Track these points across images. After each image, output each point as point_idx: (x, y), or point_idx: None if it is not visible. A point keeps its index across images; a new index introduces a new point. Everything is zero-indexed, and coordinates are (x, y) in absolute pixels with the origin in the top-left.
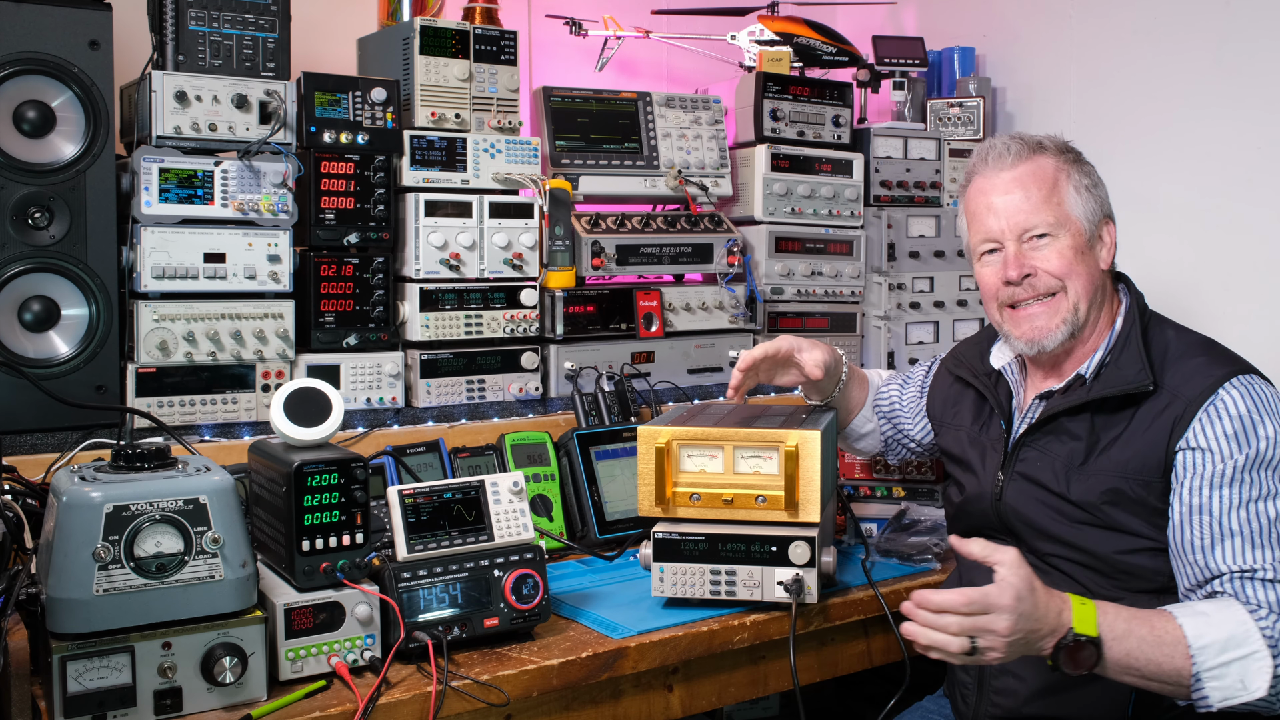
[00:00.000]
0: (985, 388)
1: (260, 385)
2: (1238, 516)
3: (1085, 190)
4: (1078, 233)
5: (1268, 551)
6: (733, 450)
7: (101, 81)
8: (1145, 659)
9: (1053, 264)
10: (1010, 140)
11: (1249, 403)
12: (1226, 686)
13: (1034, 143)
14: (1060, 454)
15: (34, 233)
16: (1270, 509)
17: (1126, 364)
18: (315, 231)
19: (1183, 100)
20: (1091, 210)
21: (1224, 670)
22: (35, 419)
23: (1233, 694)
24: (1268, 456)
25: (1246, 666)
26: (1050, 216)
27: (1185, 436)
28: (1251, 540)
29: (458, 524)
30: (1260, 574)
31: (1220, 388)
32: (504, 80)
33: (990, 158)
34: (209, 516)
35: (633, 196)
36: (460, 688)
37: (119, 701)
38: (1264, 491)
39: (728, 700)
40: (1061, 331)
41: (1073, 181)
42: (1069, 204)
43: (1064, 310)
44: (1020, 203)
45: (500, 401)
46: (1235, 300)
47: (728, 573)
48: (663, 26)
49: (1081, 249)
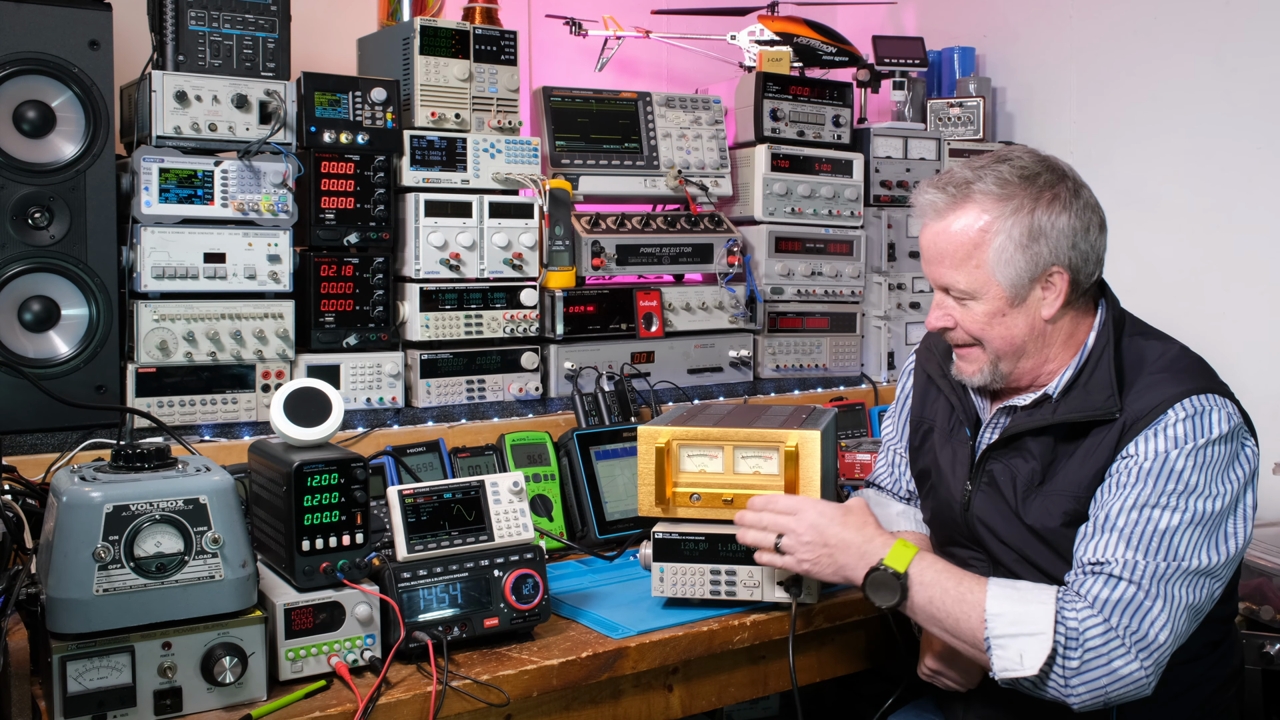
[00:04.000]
0: (951, 389)
1: (260, 385)
2: (1126, 516)
3: (1015, 248)
4: (997, 296)
5: (1132, 551)
6: (733, 450)
7: (101, 81)
8: (946, 612)
9: (967, 323)
10: (939, 191)
11: (1191, 423)
12: (1007, 659)
13: (962, 191)
14: (1021, 471)
15: (34, 233)
16: (1160, 518)
17: (1095, 388)
18: (315, 231)
19: (1183, 100)
20: (1019, 270)
21: (1009, 642)
22: (35, 419)
23: (1011, 667)
24: (1180, 471)
25: (1029, 644)
26: (963, 282)
27: (1125, 449)
28: (1127, 540)
29: (458, 524)
30: (1109, 568)
31: (1171, 407)
32: (504, 80)
33: (921, 202)
34: (209, 516)
35: (633, 196)
36: (460, 688)
37: (119, 701)
38: (1162, 502)
39: (728, 700)
40: (980, 377)
41: (997, 242)
42: (990, 267)
43: (981, 361)
44: (941, 258)
45: (500, 401)
46: (1235, 300)
47: (728, 573)
48: (663, 26)
49: (1000, 312)
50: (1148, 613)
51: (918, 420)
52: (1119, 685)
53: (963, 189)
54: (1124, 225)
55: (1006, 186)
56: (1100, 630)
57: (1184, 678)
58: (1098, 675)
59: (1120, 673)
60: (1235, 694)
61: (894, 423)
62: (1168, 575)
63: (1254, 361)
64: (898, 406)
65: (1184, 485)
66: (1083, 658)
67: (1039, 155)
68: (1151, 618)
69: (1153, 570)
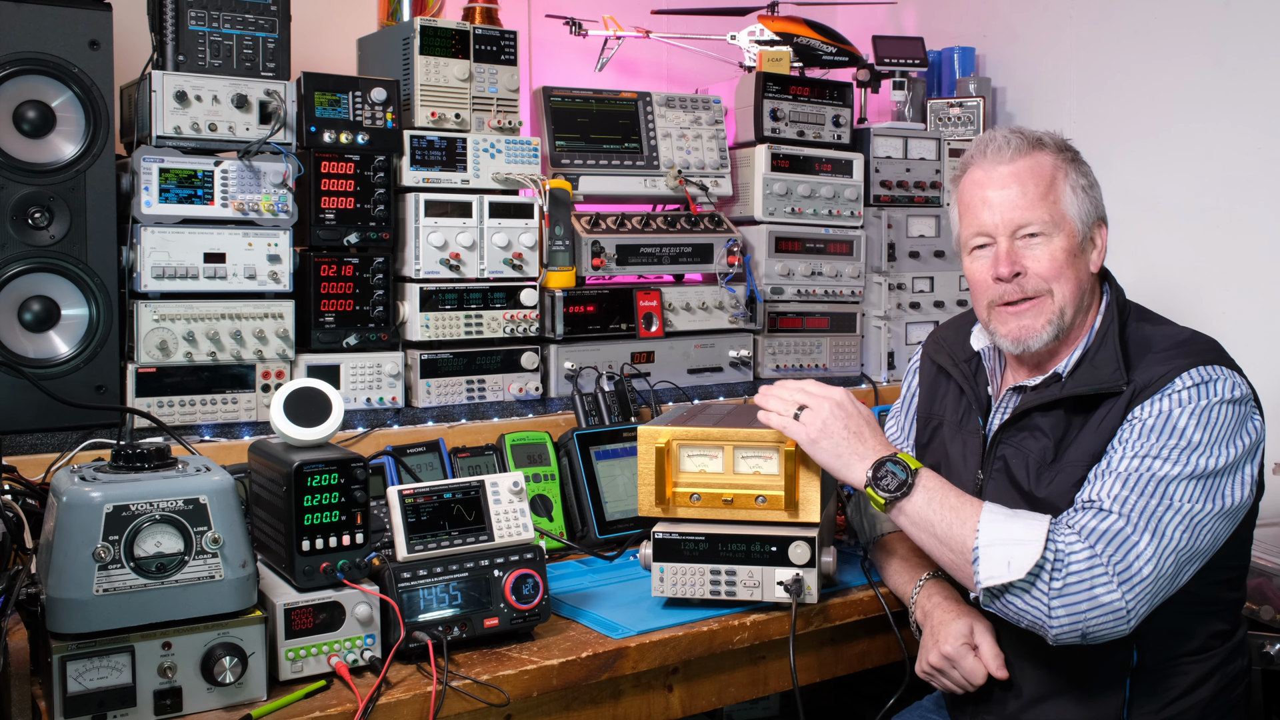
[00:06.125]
0: (964, 377)
1: (260, 385)
2: (1126, 464)
3: (1082, 191)
4: (1071, 234)
5: (1124, 490)
6: (733, 450)
7: (101, 81)
8: (940, 518)
9: (1043, 265)
10: (1010, 134)
11: (1197, 390)
12: (993, 564)
13: (1034, 138)
14: (1033, 450)
15: (34, 233)
16: (1157, 467)
17: (1102, 363)
18: (315, 231)
19: (1182, 100)
20: (1086, 212)
21: (998, 548)
22: (35, 419)
23: (996, 573)
24: (1184, 428)
25: (1017, 551)
26: (1045, 215)
27: (1131, 413)
28: (1122, 481)
29: (458, 524)
30: (1099, 503)
31: (1178, 375)
32: (504, 80)
33: (989, 150)
34: (209, 516)
35: (633, 196)
36: (460, 688)
37: (119, 701)
38: (1162, 454)
39: (728, 700)
40: (1047, 333)
41: (1070, 181)
42: (1065, 204)
43: (1050, 312)
44: (1016, 198)
45: (500, 401)
46: (1235, 300)
47: (728, 573)
48: (663, 26)
49: (1074, 251)
50: (1134, 545)
51: (925, 417)
52: (1098, 614)
53: (1032, 136)
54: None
55: (1063, 142)
56: (1085, 556)
57: (1195, 672)
58: (1079, 599)
59: (1101, 599)
60: (1243, 694)
61: (898, 422)
62: (1156, 512)
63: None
64: (903, 406)
65: (1185, 441)
66: (1066, 579)
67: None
68: (1138, 551)
69: (1142, 507)
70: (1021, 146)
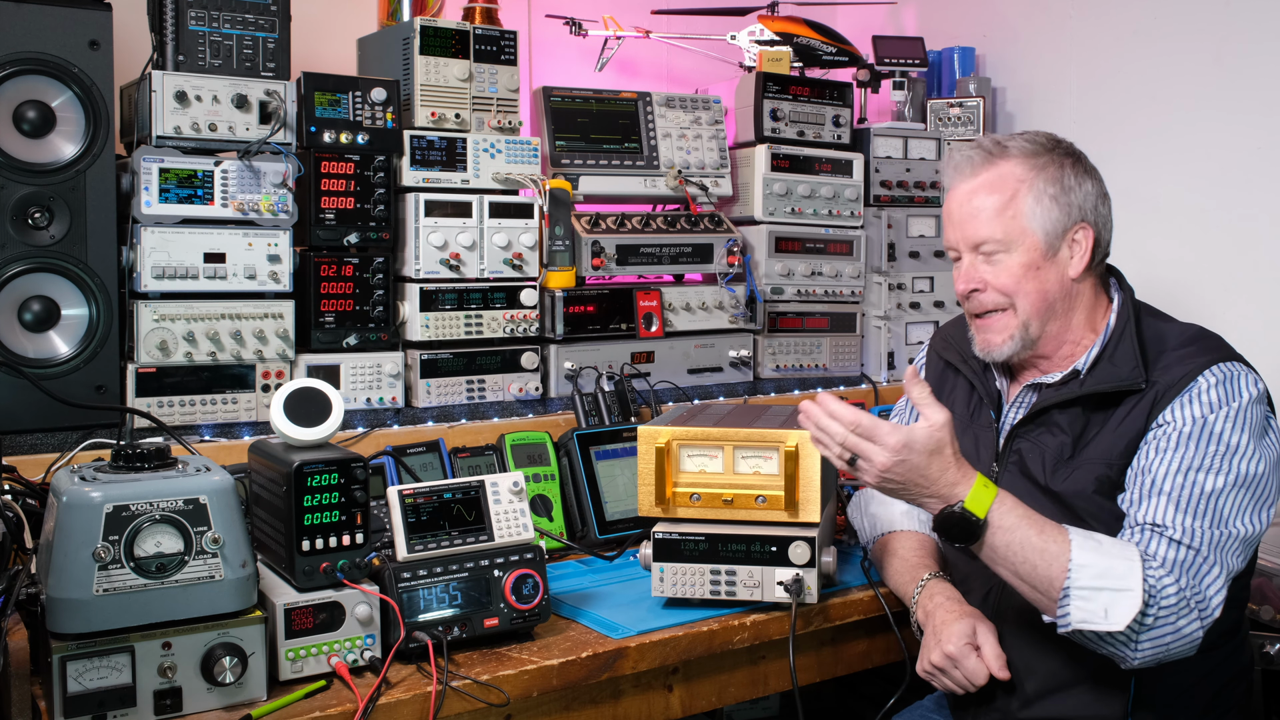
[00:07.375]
0: (973, 373)
1: (260, 385)
2: (1173, 480)
3: (1049, 199)
4: (1033, 246)
5: (1186, 517)
6: (733, 450)
7: (101, 81)
8: (1023, 559)
9: (1000, 280)
10: (974, 148)
11: (1222, 388)
12: (1089, 610)
13: (998, 148)
14: (1051, 446)
15: (34, 233)
16: (1206, 481)
17: (1121, 360)
18: (315, 231)
19: (1183, 100)
20: (1054, 220)
21: (1093, 594)
22: (35, 419)
23: (1093, 620)
24: (1221, 433)
25: (1116, 599)
26: (1000, 231)
27: (1159, 418)
28: (1176, 503)
29: (458, 524)
30: (1168, 532)
31: (1200, 374)
32: (504, 80)
33: (954, 165)
34: (209, 516)
35: (633, 196)
36: (460, 688)
37: (119, 701)
38: (1206, 464)
39: (728, 700)
40: (1008, 347)
41: (1034, 191)
42: (1026, 217)
43: (1011, 327)
44: (973, 215)
45: (500, 401)
46: (1235, 300)
47: (728, 573)
48: (663, 26)
49: (1034, 264)
50: (1205, 575)
51: None
52: (1180, 644)
53: (997, 147)
54: (1124, 225)
55: (1036, 146)
56: (1174, 593)
57: (1200, 667)
58: (1165, 633)
59: (1184, 631)
60: (1245, 691)
61: (903, 418)
62: (1221, 542)
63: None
64: (908, 404)
65: (1226, 446)
66: (1157, 615)
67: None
68: (1209, 581)
69: (1208, 537)
70: (984, 160)
